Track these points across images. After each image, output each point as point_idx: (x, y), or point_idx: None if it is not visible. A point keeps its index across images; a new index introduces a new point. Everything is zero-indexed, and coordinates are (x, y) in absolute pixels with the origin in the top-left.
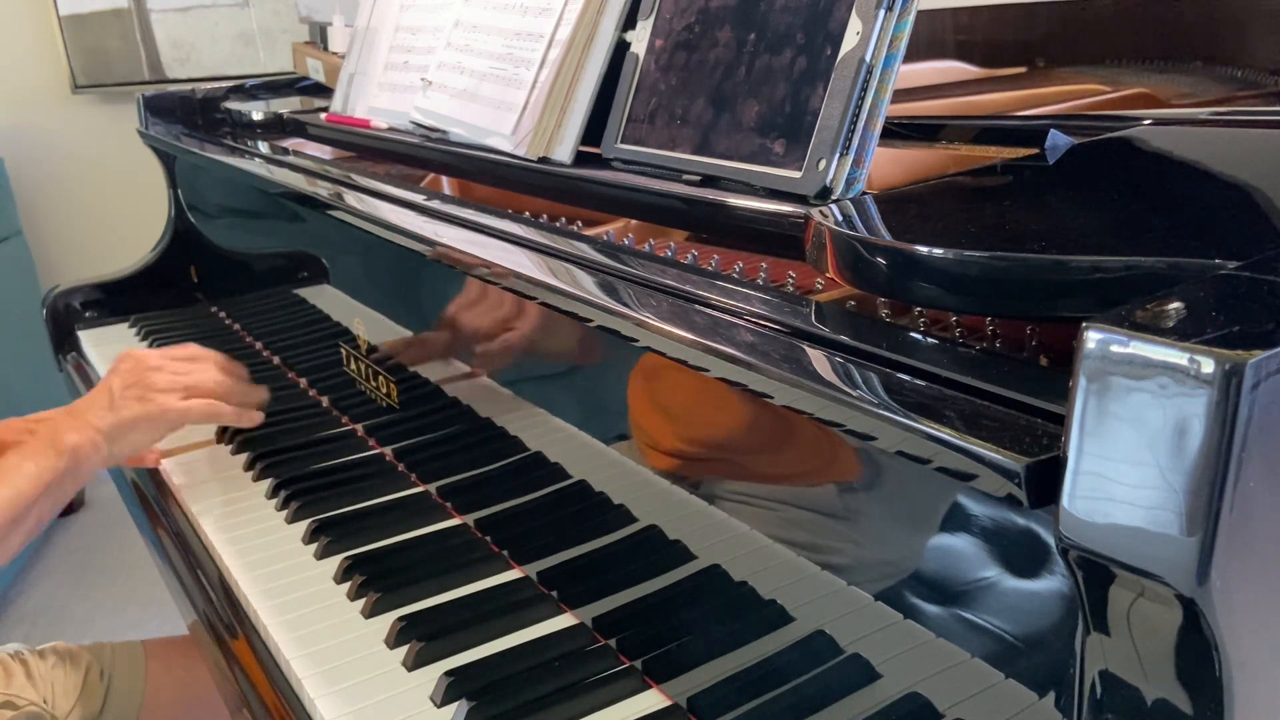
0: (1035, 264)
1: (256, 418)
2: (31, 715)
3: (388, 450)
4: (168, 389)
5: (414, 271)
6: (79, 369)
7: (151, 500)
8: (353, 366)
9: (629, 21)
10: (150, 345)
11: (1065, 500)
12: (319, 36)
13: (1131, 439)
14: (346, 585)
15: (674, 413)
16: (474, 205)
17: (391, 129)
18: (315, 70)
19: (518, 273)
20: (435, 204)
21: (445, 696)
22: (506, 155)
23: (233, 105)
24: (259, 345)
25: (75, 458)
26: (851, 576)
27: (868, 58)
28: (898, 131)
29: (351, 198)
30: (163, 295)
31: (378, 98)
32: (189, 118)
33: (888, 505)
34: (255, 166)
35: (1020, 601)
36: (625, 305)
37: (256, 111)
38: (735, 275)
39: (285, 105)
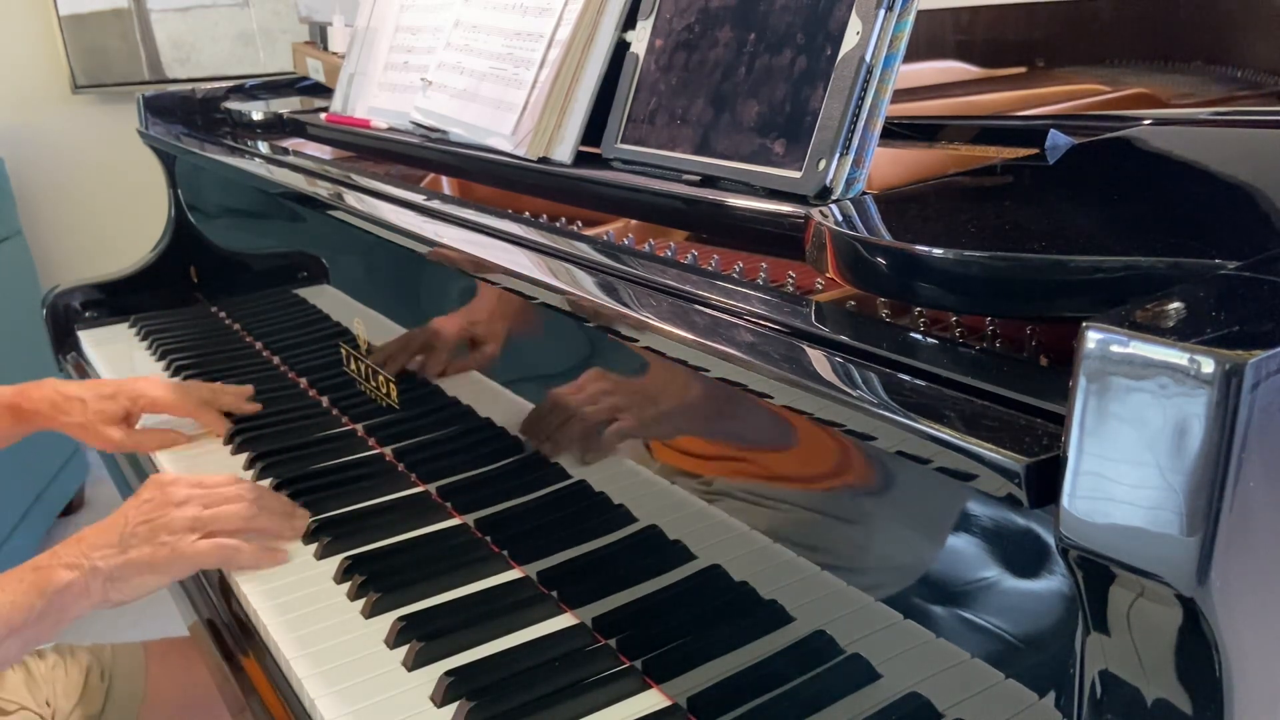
0: (1035, 264)
1: (280, 557)
2: None
3: (388, 450)
4: (184, 530)
5: (414, 271)
6: (79, 369)
7: None
8: (353, 366)
9: (629, 21)
10: (150, 345)
11: (1065, 500)
12: (319, 36)
13: (1131, 439)
14: (346, 585)
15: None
16: (474, 205)
17: (391, 129)
18: (315, 70)
19: (518, 273)
20: (435, 204)
21: (445, 696)
22: (506, 155)
23: (233, 105)
24: (259, 345)
25: (58, 601)
26: (851, 576)
27: (868, 58)
28: (898, 131)
29: (351, 198)
30: (163, 295)
31: (378, 98)
32: (189, 118)
33: (887, 505)
34: (255, 166)
35: (1020, 601)
36: (625, 305)
37: (256, 111)
38: (735, 275)
39: (285, 105)
